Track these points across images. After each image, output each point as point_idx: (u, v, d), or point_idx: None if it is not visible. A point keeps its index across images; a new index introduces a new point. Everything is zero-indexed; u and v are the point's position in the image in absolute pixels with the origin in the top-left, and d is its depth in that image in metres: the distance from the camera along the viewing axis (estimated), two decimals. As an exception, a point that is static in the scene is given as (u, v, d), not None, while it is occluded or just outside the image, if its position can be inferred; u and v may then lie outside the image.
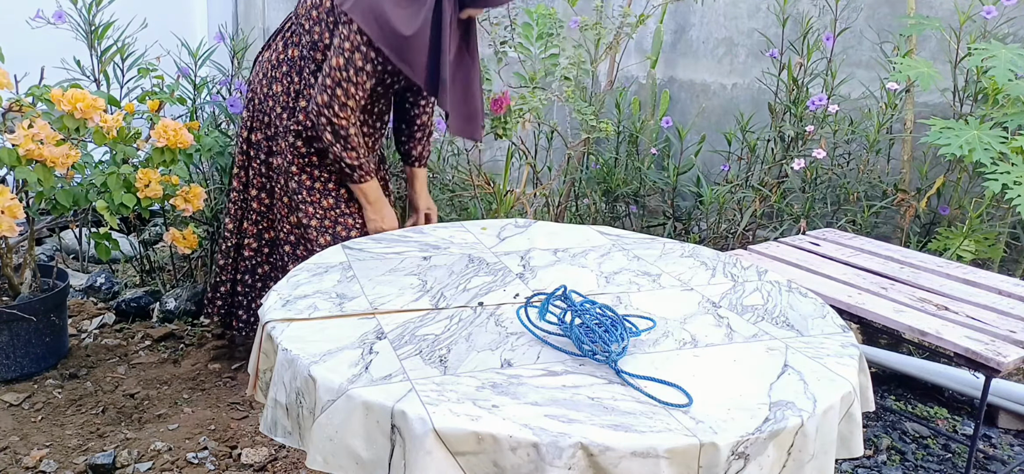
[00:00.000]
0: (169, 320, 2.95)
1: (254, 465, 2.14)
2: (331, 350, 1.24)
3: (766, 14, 3.52)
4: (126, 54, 3.16)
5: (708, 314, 1.48)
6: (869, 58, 3.30)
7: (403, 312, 1.41)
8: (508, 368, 1.22)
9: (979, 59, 2.66)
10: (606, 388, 1.17)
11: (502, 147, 3.93)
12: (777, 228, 3.25)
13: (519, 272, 1.66)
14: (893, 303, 2.06)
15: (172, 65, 3.19)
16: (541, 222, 2.04)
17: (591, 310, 1.35)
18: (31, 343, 2.48)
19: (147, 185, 2.39)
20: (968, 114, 2.96)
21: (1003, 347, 1.81)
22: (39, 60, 2.71)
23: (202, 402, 2.42)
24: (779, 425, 1.10)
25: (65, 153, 2.22)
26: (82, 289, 3.16)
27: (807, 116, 3.24)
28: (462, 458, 1.04)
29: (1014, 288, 2.20)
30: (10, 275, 2.50)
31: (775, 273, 1.76)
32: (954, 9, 3.03)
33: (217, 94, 3.27)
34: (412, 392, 1.12)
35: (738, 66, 3.68)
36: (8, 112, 2.41)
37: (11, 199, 2.17)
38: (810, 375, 1.25)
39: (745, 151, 3.39)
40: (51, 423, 2.28)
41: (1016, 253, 2.95)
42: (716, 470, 1.05)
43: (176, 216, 3.00)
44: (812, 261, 2.38)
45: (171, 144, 2.40)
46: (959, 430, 2.52)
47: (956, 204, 2.99)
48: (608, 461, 1.02)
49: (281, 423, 1.24)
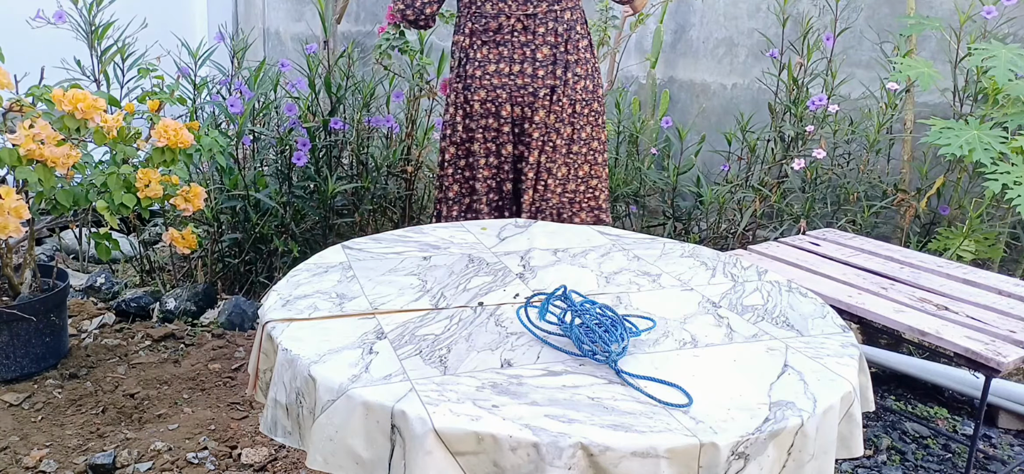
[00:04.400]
0: (169, 320, 2.95)
1: (254, 465, 2.14)
2: (331, 350, 1.24)
3: (766, 14, 3.52)
4: (126, 54, 3.16)
5: (708, 314, 1.48)
6: (869, 58, 3.30)
7: (403, 312, 1.41)
8: (508, 368, 1.22)
9: (979, 59, 2.66)
10: (606, 388, 1.17)
11: (502, 147, 3.92)
12: (777, 228, 3.25)
13: (519, 272, 1.66)
14: (893, 303, 2.06)
15: (172, 65, 3.19)
16: (541, 222, 2.04)
17: (591, 310, 1.35)
18: (31, 343, 2.48)
19: (147, 185, 2.39)
20: (968, 114, 2.96)
21: (1003, 347, 1.81)
22: (39, 60, 2.71)
23: (202, 402, 2.42)
24: (779, 425, 1.10)
25: (66, 153, 2.22)
26: (82, 289, 3.16)
27: (807, 116, 3.24)
28: (462, 458, 1.04)
29: (1014, 288, 2.20)
30: (10, 275, 2.50)
31: (775, 273, 1.76)
32: (954, 9, 3.03)
33: (217, 94, 3.27)
34: (412, 392, 1.12)
35: (738, 66, 3.68)
36: (8, 112, 2.41)
37: (17, 200, 2.17)
38: (810, 375, 1.25)
39: (745, 151, 3.39)
40: (51, 423, 2.28)
41: (1016, 253, 2.95)
42: (716, 470, 1.05)
43: (176, 216, 3.00)
44: (812, 261, 2.38)
45: (171, 144, 2.40)
46: (959, 430, 2.52)
47: (956, 204, 2.99)
48: (608, 461, 1.02)
49: (281, 423, 1.24)
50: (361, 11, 4.98)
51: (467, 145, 2.52)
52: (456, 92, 2.49)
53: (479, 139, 2.47)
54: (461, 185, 2.56)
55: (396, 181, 3.51)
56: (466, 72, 2.44)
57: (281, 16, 5.38)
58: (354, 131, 3.40)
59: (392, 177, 3.50)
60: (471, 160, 2.52)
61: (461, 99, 2.47)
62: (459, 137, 2.52)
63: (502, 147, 2.48)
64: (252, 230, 3.16)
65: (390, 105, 3.51)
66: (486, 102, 2.43)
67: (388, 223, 3.53)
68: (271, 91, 3.27)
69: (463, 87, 2.45)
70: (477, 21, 2.39)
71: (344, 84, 3.36)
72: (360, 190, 3.38)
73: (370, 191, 3.37)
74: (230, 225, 3.23)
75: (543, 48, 2.40)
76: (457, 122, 2.50)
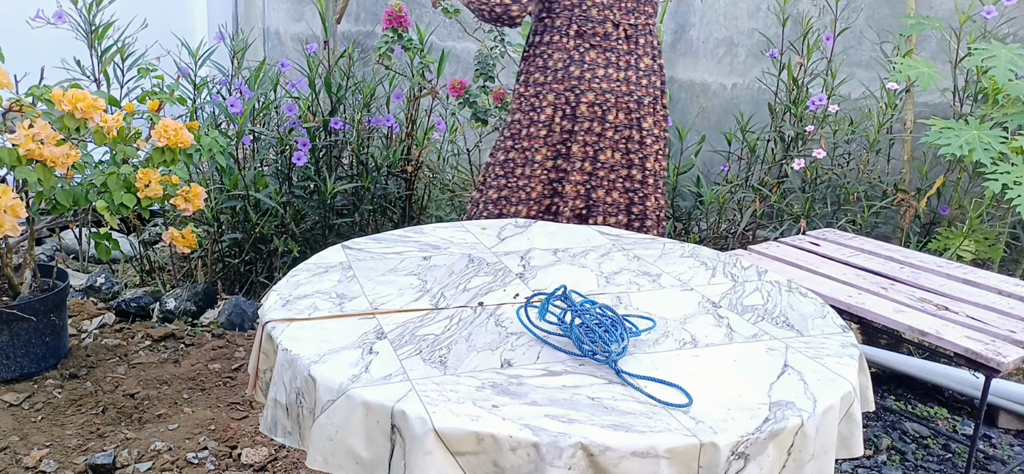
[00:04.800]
0: (169, 320, 2.95)
1: (254, 465, 2.14)
2: (331, 350, 1.24)
3: (766, 14, 3.52)
4: (126, 54, 3.16)
5: (708, 314, 1.48)
6: (869, 58, 3.30)
7: (403, 312, 1.41)
8: (508, 368, 1.22)
9: (979, 59, 2.66)
10: (606, 388, 1.17)
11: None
12: (777, 228, 3.25)
13: (519, 272, 1.66)
14: (893, 303, 2.06)
15: (172, 65, 3.19)
16: (541, 222, 2.04)
17: (591, 310, 1.35)
18: (31, 343, 2.48)
19: (147, 185, 2.39)
20: (968, 114, 2.96)
21: (1003, 347, 1.81)
22: (39, 60, 2.71)
23: (202, 402, 2.43)
24: (779, 425, 1.10)
25: (65, 153, 2.22)
26: (82, 289, 3.16)
27: (807, 116, 3.24)
28: (462, 458, 1.04)
29: (1014, 288, 2.20)
30: (10, 275, 2.50)
31: (775, 273, 1.76)
32: (954, 9, 3.03)
33: (217, 94, 3.27)
34: (412, 392, 1.12)
35: (738, 66, 3.68)
36: (8, 112, 2.41)
37: (14, 199, 2.17)
38: (810, 375, 1.25)
39: (745, 151, 3.39)
40: (51, 423, 2.28)
41: (1016, 253, 2.95)
42: (716, 470, 1.05)
43: (176, 216, 3.00)
44: (812, 261, 2.38)
45: (171, 144, 2.40)
46: (959, 430, 2.52)
47: (956, 204, 2.99)
48: (608, 461, 1.02)
49: (281, 423, 1.24)
50: (361, 11, 4.98)
51: (531, 151, 2.47)
52: (556, 93, 2.42)
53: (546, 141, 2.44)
54: (515, 190, 2.50)
55: (396, 181, 3.51)
56: (571, 74, 2.39)
57: (281, 16, 5.38)
58: (354, 131, 3.40)
59: (392, 177, 3.50)
60: (533, 164, 2.47)
61: (561, 100, 2.42)
62: (533, 139, 2.46)
63: (600, 153, 2.45)
64: (252, 230, 3.17)
65: (390, 105, 3.51)
66: (594, 105, 2.41)
67: (388, 223, 3.53)
68: (271, 91, 3.27)
69: (567, 89, 2.41)
70: (584, 24, 2.37)
71: (344, 84, 3.36)
72: (360, 190, 3.39)
73: (370, 191, 3.37)
74: (230, 225, 3.23)
75: (645, 59, 2.43)
76: (554, 123, 2.44)
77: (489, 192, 2.53)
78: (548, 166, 2.48)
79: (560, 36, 2.42)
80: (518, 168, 2.50)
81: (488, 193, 2.54)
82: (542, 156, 2.47)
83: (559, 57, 2.42)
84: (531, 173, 2.48)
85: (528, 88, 2.47)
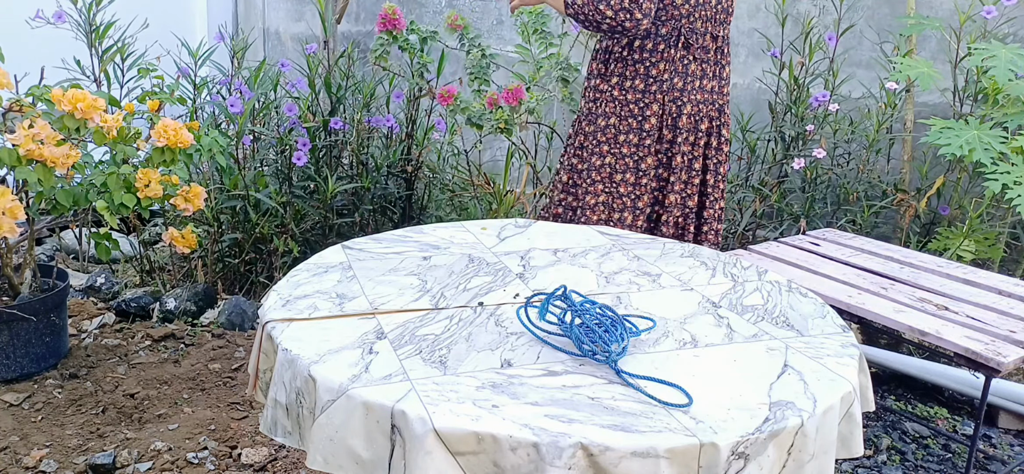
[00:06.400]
0: (169, 320, 2.95)
1: (254, 465, 2.14)
2: (331, 350, 1.24)
3: (766, 14, 3.52)
4: (126, 54, 3.16)
5: (708, 314, 1.48)
6: (869, 58, 3.30)
7: (403, 312, 1.41)
8: (508, 368, 1.22)
9: (979, 59, 2.66)
10: (606, 388, 1.17)
11: (502, 147, 3.93)
12: (777, 228, 3.25)
13: (519, 272, 1.66)
14: (893, 303, 2.06)
15: (172, 65, 3.19)
16: (541, 222, 2.04)
17: (591, 310, 1.35)
18: (31, 343, 2.48)
19: (147, 185, 2.39)
20: (968, 114, 2.96)
21: (1003, 347, 1.81)
22: (39, 60, 2.71)
23: (202, 402, 2.43)
24: (779, 425, 1.10)
25: (65, 153, 2.22)
26: (82, 289, 3.16)
27: (807, 116, 3.24)
28: (462, 458, 1.04)
29: (1014, 288, 2.20)
30: (10, 275, 2.50)
31: (775, 273, 1.76)
32: (954, 9, 3.03)
33: (217, 94, 3.27)
34: (412, 392, 1.12)
35: (738, 66, 3.68)
36: (8, 112, 2.41)
37: (12, 200, 2.17)
38: (810, 375, 1.25)
39: (745, 151, 3.39)
40: (51, 423, 2.28)
41: (1016, 253, 2.95)
42: (716, 470, 1.05)
43: (176, 216, 3.00)
44: (812, 261, 2.38)
45: (171, 144, 2.40)
46: (959, 430, 2.52)
47: (956, 204, 2.99)
48: (608, 461, 1.02)
49: (281, 423, 1.24)
50: (361, 11, 4.98)
51: (636, 159, 2.43)
52: (660, 103, 2.38)
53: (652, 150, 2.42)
54: (617, 197, 2.46)
55: (396, 181, 3.51)
56: (674, 85, 2.36)
57: (281, 16, 5.38)
58: (354, 131, 3.40)
59: (392, 177, 3.50)
60: (639, 172, 2.44)
61: (664, 110, 2.39)
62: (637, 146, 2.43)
63: (694, 162, 2.43)
64: (252, 230, 3.16)
65: (390, 105, 3.51)
66: (692, 116, 2.39)
67: (388, 223, 3.53)
68: (271, 91, 3.27)
69: (671, 100, 2.37)
70: (690, 36, 2.35)
71: (344, 84, 3.36)
72: (360, 190, 3.39)
73: (370, 191, 3.37)
74: (230, 225, 3.23)
75: (726, 67, 2.45)
76: (660, 132, 2.42)
77: (587, 199, 2.46)
78: (652, 175, 2.45)
79: (665, 45, 2.35)
80: (617, 174, 2.43)
81: (586, 200, 2.46)
82: (647, 165, 2.42)
83: (664, 67, 2.36)
84: (635, 181, 2.43)
85: (626, 94, 2.40)
